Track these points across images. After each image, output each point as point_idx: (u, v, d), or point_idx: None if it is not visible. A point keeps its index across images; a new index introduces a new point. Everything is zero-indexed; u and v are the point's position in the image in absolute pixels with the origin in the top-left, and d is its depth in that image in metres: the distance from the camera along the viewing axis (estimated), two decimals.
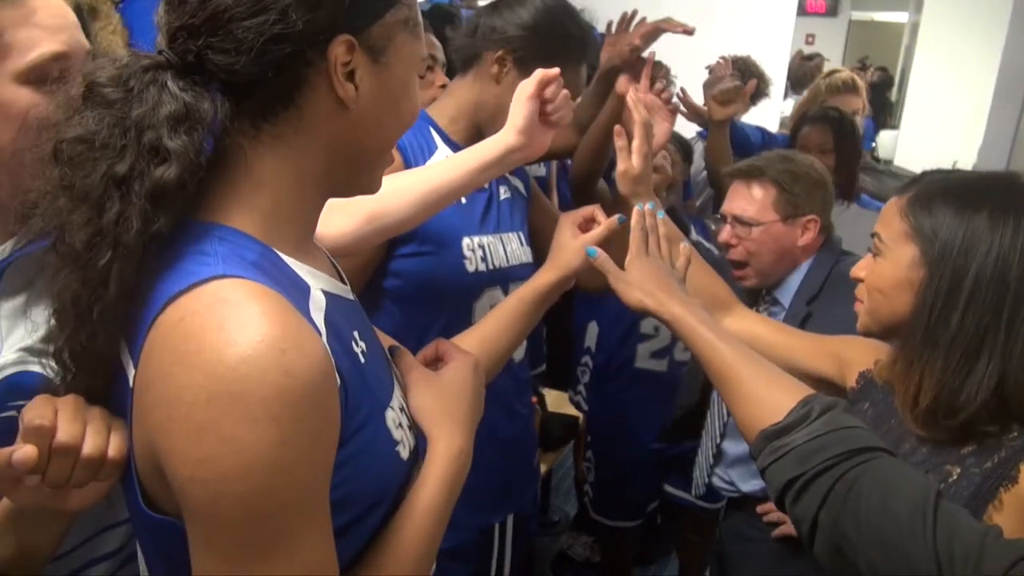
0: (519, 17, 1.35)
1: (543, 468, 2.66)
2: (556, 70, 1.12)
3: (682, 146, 2.46)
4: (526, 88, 1.11)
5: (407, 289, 1.33)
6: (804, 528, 0.82)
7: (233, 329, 0.58)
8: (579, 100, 1.84)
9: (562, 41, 1.34)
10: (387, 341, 0.90)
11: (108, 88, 0.64)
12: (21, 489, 0.66)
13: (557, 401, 2.86)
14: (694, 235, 2.24)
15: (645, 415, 2.20)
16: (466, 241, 1.36)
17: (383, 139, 0.77)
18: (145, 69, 0.65)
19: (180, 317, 0.60)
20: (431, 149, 1.37)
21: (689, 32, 1.57)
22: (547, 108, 1.13)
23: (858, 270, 1.08)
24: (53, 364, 0.69)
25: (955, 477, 0.91)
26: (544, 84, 1.11)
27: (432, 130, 1.40)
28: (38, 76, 0.79)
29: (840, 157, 2.31)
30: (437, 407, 0.82)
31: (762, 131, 2.94)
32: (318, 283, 0.72)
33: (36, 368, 0.81)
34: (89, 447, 0.64)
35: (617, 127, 1.22)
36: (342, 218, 1.06)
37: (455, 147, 1.38)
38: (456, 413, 0.83)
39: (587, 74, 1.55)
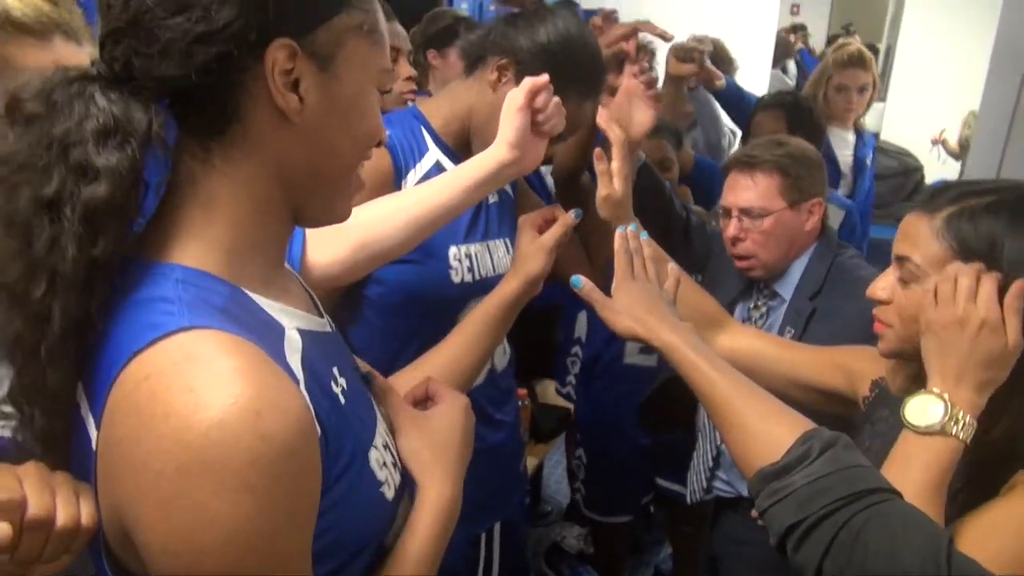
0: (535, 33, 1.28)
1: (534, 461, 2.62)
2: (544, 77, 1.07)
3: (674, 134, 2.37)
4: (515, 99, 1.06)
5: (390, 298, 1.28)
6: None
7: (203, 390, 0.53)
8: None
9: (570, 70, 1.26)
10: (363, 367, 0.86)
11: (30, 103, 0.59)
12: None
13: (547, 391, 2.81)
14: None
15: (635, 411, 2.14)
16: (453, 251, 1.31)
17: (338, 161, 0.70)
18: (70, 81, 0.60)
19: (145, 376, 0.55)
20: (422, 151, 1.31)
21: (667, 38, 1.55)
22: (538, 118, 1.08)
23: (878, 291, 1.00)
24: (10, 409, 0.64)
25: (974, 481, 0.87)
26: (534, 93, 1.06)
27: (424, 130, 1.34)
28: None
29: None
30: (427, 453, 0.79)
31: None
32: (292, 322, 0.67)
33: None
34: (63, 519, 0.59)
35: (597, 151, 1.19)
36: (332, 246, 1.01)
37: (446, 149, 1.33)
38: (447, 460, 0.80)
39: None
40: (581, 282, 1.08)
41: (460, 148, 1.35)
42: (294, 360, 0.63)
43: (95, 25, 0.65)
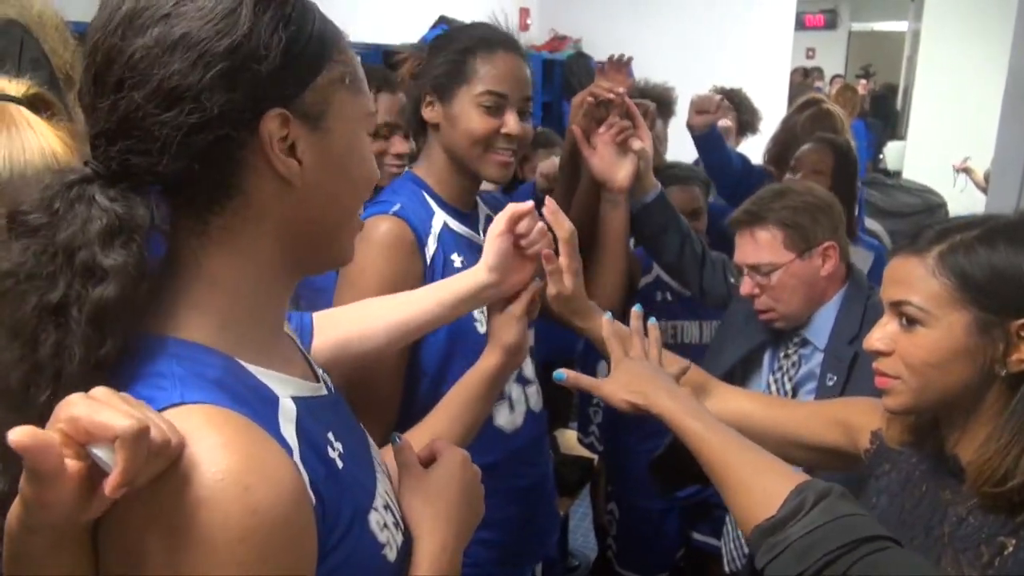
0: (436, 57, 1.36)
1: (560, 512, 2.57)
2: (527, 205, 1.08)
3: (703, 183, 2.37)
4: (497, 225, 1.08)
5: (431, 361, 1.33)
6: None
7: (190, 467, 0.53)
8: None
9: (457, 64, 1.33)
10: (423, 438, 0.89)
11: (32, 215, 0.59)
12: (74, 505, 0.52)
13: (569, 441, 2.78)
14: None
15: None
16: None
17: (341, 209, 0.71)
18: (69, 186, 0.60)
19: None
20: (429, 214, 1.34)
21: (617, 98, 1.55)
22: (521, 242, 1.09)
23: (876, 342, 0.96)
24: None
25: (1011, 549, 0.84)
26: (515, 220, 1.07)
27: (425, 193, 1.38)
28: None
29: (836, 184, 2.22)
30: (419, 506, 0.79)
31: (743, 157, 2.80)
32: (287, 390, 0.67)
33: None
34: (174, 436, 0.53)
35: (546, 252, 1.16)
36: (318, 336, 1.03)
37: (448, 208, 1.37)
38: (440, 510, 0.79)
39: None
40: (564, 375, 1.12)
41: (459, 201, 1.39)
42: (288, 430, 0.63)
43: None
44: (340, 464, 0.68)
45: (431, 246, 1.31)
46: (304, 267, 0.72)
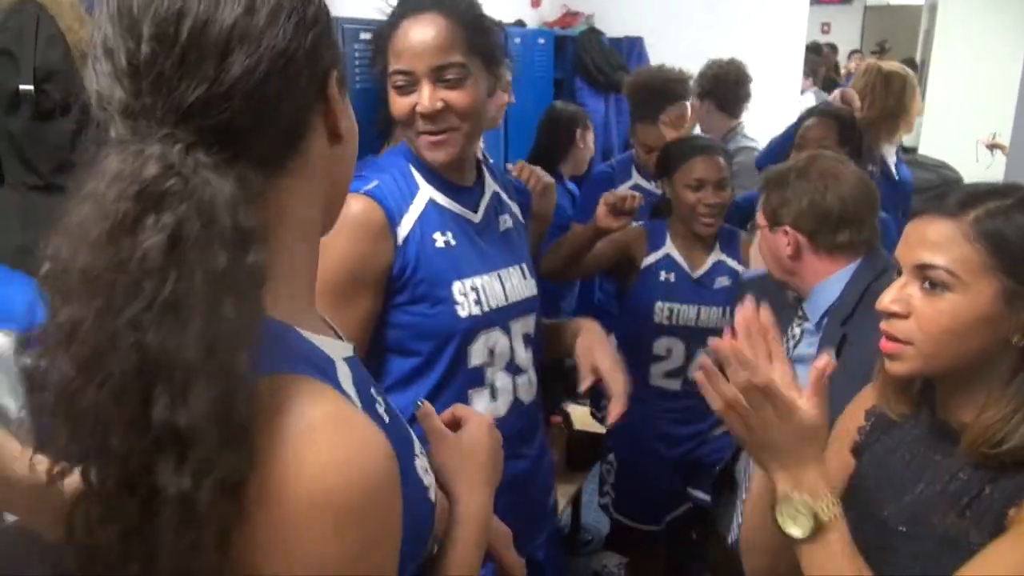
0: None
1: (571, 489, 2.59)
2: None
3: (725, 153, 2.34)
4: None
5: (406, 341, 1.30)
6: None
7: (297, 447, 0.54)
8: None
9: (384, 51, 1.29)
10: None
11: (167, 180, 0.52)
12: None
13: (583, 417, 2.79)
14: (717, 252, 2.18)
15: (663, 427, 2.21)
16: (456, 286, 1.29)
17: (352, 165, 0.72)
18: (186, 150, 0.54)
19: None
20: (413, 191, 1.30)
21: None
22: None
23: (892, 304, 0.93)
24: None
25: (987, 491, 0.87)
26: None
27: (412, 167, 1.32)
28: None
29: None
30: (453, 466, 0.84)
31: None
32: (338, 352, 0.68)
33: None
34: None
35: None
36: None
37: (438, 181, 1.32)
38: (473, 470, 0.84)
39: None
40: None
41: (453, 174, 1.34)
42: (350, 390, 0.64)
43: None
44: (387, 418, 0.70)
45: (405, 226, 1.27)
46: (326, 230, 0.73)
